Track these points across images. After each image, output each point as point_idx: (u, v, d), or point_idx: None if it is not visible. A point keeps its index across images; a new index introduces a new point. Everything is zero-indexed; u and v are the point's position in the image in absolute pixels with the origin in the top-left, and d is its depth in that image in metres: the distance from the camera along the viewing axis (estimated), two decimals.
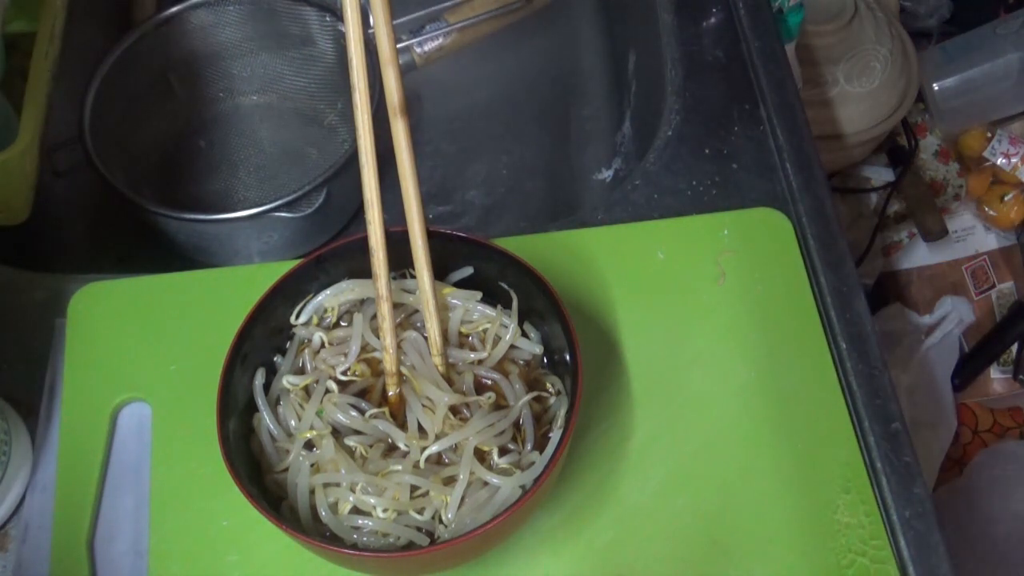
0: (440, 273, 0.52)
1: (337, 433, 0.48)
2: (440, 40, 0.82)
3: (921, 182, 1.30)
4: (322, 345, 0.52)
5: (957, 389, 1.21)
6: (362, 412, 0.49)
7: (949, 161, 1.33)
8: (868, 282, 1.29)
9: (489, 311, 0.52)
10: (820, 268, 0.62)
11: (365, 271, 0.48)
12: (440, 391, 0.48)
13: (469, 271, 0.53)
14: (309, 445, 0.48)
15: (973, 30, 1.28)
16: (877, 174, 1.32)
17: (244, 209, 0.65)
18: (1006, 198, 1.23)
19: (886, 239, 1.31)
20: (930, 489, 0.78)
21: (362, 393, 0.50)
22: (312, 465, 0.47)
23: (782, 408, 0.57)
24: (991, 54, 1.24)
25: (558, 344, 0.51)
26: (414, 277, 0.50)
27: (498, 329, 0.51)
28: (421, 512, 0.46)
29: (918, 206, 1.27)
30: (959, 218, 1.28)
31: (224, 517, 0.53)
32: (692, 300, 0.61)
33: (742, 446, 0.56)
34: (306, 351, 0.52)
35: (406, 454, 0.48)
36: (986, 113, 1.28)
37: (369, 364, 0.51)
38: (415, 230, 0.48)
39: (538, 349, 0.52)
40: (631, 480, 0.55)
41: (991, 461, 1.11)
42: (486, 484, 0.46)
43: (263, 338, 0.51)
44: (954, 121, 1.29)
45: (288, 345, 0.52)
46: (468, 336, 0.52)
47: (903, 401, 0.60)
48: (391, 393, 0.49)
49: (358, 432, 0.48)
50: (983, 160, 1.27)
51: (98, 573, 0.53)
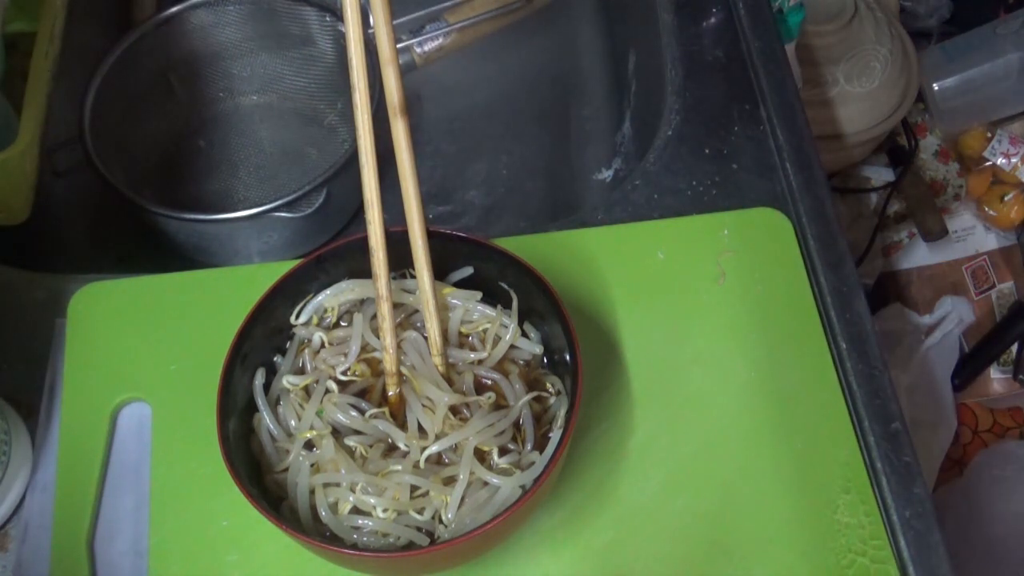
0: (440, 273, 0.52)
1: (337, 433, 0.48)
2: (440, 40, 0.82)
3: (921, 182, 1.30)
4: (322, 345, 0.52)
5: (957, 389, 1.21)
6: (362, 412, 0.49)
7: (949, 161, 1.33)
8: (868, 282, 1.29)
9: (489, 311, 0.52)
10: (820, 268, 0.62)
11: (365, 271, 0.48)
12: (440, 391, 0.48)
13: (469, 271, 0.53)
14: (309, 445, 0.48)
15: (973, 30, 1.28)
16: (877, 174, 1.32)
17: (244, 209, 0.65)
18: (1006, 198, 1.23)
19: (886, 239, 1.31)
20: (930, 489, 0.78)
21: (362, 393, 0.50)
22: (312, 465, 0.47)
23: (782, 408, 0.57)
24: (991, 54, 1.24)
25: (558, 344, 0.51)
26: (414, 277, 0.50)
27: (498, 329, 0.51)
28: (421, 512, 0.46)
29: (918, 206, 1.27)
30: (959, 218, 1.28)
31: (224, 517, 0.53)
32: (692, 300, 0.61)
33: (742, 446, 0.56)
34: (306, 351, 0.52)
35: (406, 454, 0.48)
36: (986, 113, 1.28)
37: (369, 364, 0.51)
38: (415, 230, 0.48)
39: (538, 349, 0.52)
40: (631, 480, 0.55)
41: (991, 461, 1.11)
42: (486, 484, 0.47)
43: (263, 338, 0.51)
44: (954, 121, 1.29)
45: (288, 345, 0.52)
46: (468, 336, 0.52)
47: (903, 401, 0.60)
48: (391, 393, 0.49)
49: (358, 432, 0.48)
50: (983, 160, 1.27)
51: (98, 573, 0.53)
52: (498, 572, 0.52)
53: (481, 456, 0.47)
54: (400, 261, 0.49)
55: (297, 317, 0.52)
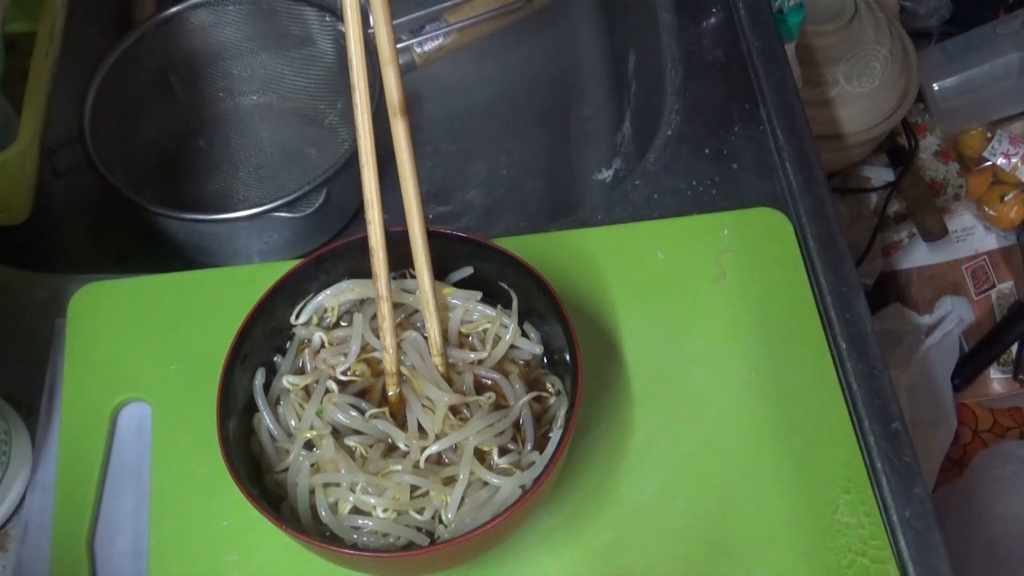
0: (440, 273, 0.52)
1: (337, 433, 0.48)
2: (440, 40, 0.82)
3: (921, 182, 1.30)
4: (322, 345, 0.52)
5: (957, 389, 1.21)
6: (362, 412, 0.49)
7: (949, 161, 1.33)
8: (868, 282, 1.29)
9: (489, 311, 0.52)
10: (820, 268, 0.62)
11: (365, 271, 0.48)
12: (440, 391, 0.48)
13: (469, 271, 0.53)
14: (309, 445, 0.48)
15: (973, 30, 1.28)
16: (877, 174, 1.32)
17: (244, 209, 0.65)
18: (1006, 198, 1.23)
19: (886, 239, 1.31)
20: (930, 489, 0.78)
21: (362, 393, 0.50)
22: (312, 465, 0.47)
23: (782, 408, 0.57)
24: (991, 54, 1.24)
25: (558, 344, 0.51)
26: (414, 277, 0.50)
27: (498, 329, 0.51)
28: (421, 512, 0.46)
29: (918, 206, 1.27)
30: (959, 218, 1.28)
31: (224, 517, 0.53)
32: (692, 300, 0.61)
33: (742, 446, 0.56)
34: (306, 351, 0.52)
35: (406, 454, 0.48)
36: (986, 113, 1.28)
37: (369, 364, 0.51)
38: (415, 230, 0.48)
39: (538, 349, 0.52)
40: (631, 480, 0.55)
41: (991, 461, 1.11)
42: (486, 484, 0.47)
43: (263, 338, 0.51)
44: (954, 121, 1.29)
45: (288, 345, 0.52)
46: (468, 336, 0.52)
47: (903, 401, 0.60)
48: (391, 393, 0.49)
49: (358, 432, 0.48)
50: (983, 160, 1.27)
51: (98, 573, 0.53)
52: (498, 572, 0.52)
53: (481, 456, 0.47)
54: (400, 261, 0.49)
55: (297, 317, 0.52)
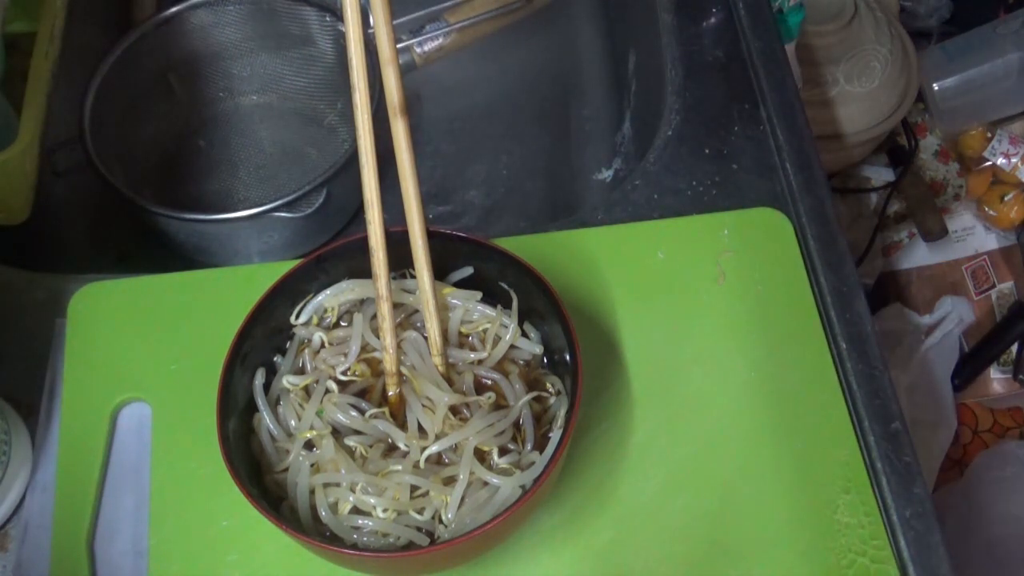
0: (440, 273, 0.52)
1: (337, 433, 0.48)
2: (440, 40, 0.82)
3: (921, 182, 1.30)
4: (322, 345, 0.52)
5: (957, 389, 1.21)
6: (362, 412, 0.49)
7: (949, 161, 1.33)
8: (868, 282, 1.29)
9: (489, 311, 0.52)
10: (820, 268, 0.62)
11: (365, 271, 0.48)
12: (440, 391, 0.48)
13: (469, 271, 0.53)
14: (309, 445, 0.48)
15: (973, 30, 1.28)
16: (877, 174, 1.32)
17: (244, 209, 0.65)
18: (1006, 198, 1.23)
19: (886, 239, 1.31)
20: (930, 489, 0.78)
21: (362, 393, 0.50)
22: (312, 465, 0.47)
23: (782, 408, 0.57)
24: (991, 54, 1.24)
25: (558, 344, 0.51)
26: (414, 277, 0.50)
27: (498, 329, 0.51)
28: (421, 512, 0.46)
29: (918, 206, 1.27)
30: (959, 218, 1.28)
31: (224, 517, 0.53)
32: (692, 300, 0.61)
33: (742, 446, 0.56)
34: (306, 351, 0.52)
35: (406, 454, 0.48)
36: (986, 113, 1.28)
37: (369, 364, 0.51)
38: (415, 230, 0.48)
39: (538, 349, 0.52)
40: (631, 480, 0.55)
41: (991, 462, 1.11)
42: (486, 484, 0.47)
43: (263, 338, 0.51)
44: (954, 121, 1.29)
45: (288, 345, 0.52)
46: (468, 336, 0.52)
47: (903, 401, 0.60)
48: (391, 393, 0.49)
49: (358, 432, 0.48)
50: (983, 160, 1.27)
51: (98, 573, 0.53)
52: (498, 572, 0.52)
53: (481, 456, 0.47)
54: (400, 261, 0.49)
55: (297, 317, 0.52)
